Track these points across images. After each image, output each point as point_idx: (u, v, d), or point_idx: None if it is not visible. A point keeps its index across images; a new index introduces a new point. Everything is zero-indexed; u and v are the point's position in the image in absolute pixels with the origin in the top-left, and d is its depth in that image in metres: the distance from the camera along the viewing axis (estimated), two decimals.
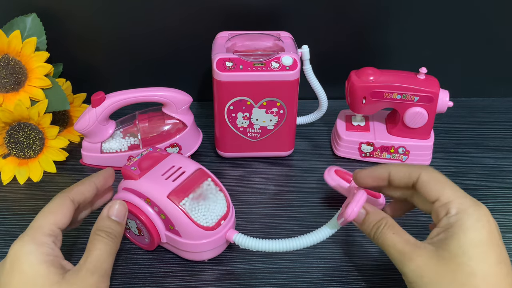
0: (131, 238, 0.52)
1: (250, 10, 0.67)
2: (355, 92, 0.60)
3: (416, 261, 0.39)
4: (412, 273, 0.39)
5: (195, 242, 0.47)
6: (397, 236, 0.41)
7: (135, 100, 0.58)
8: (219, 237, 0.48)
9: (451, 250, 0.38)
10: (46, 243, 0.41)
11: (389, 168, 0.45)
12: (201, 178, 0.49)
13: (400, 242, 0.41)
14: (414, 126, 0.61)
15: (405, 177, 0.44)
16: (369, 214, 0.44)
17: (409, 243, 0.40)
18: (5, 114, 0.58)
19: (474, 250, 0.38)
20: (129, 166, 0.49)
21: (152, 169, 0.49)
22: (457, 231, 0.39)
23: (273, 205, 0.58)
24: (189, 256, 0.49)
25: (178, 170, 0.49)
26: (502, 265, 0.38)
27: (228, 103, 0.58)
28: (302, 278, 0.49)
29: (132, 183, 0.48)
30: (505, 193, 0.60)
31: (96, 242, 0.42)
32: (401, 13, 0.69)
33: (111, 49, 0.71)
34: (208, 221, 0.47)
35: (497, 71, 0.75)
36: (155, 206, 0.47)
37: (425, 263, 0.39)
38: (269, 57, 0.57)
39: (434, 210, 0.42)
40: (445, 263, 0.38)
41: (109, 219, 0.45)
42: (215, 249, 0.49)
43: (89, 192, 0.46)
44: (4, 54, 0.60)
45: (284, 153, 0.64)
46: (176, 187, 0.47)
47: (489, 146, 0.67)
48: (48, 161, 0.62)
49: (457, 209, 0.40)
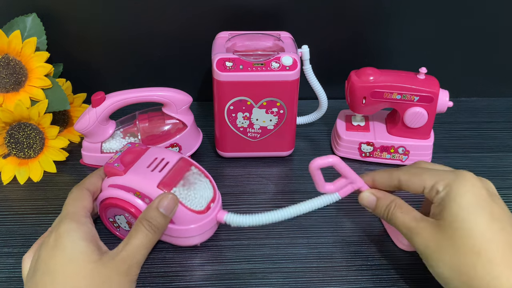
0: (121, 236, 0.52)
1: (250, 10, 0.67)
2: (355, 92, 0.60)
3: (421, 234, 0.43)
4: (420, 245, 0.43)
5: (187, 227, 0.49)
6: (405, 215, 0.45)
7: (135, 100, 0.58)
8: (210, 220, 0.50)
9: (446, 218, 0.42)
10: (86, 223, 0.44)
11: (373, 175, 0.49)
12: (185, 167, 0.51)
13: (407, 220, 0.44)
14: (414, 126, 0.61)
15: (387, 182, 0.48)
16: (379, 199, 0.48)
17: (415, 219, 0.44)
18: (5, 114, 0.58)
19: (464, 213, 0.41)
20: (112, 164, 0.49)
21: (136, 163, 0.50)
22: (447, 201, 0.42)
23: (273, 205, 0.58)
24: (182, 241, 0.50)
25: (162, 161, 0.50)
26: (495, 222, 0.41)
27: (228, 103, 0.58)
28: (302, 278, 0.49)
29: (118, 179, 0.49)
30: (505, 193, 0.60)
31: (138, 231, 0.44)
32: (401, 13, 0.69)
33: (111, 49, 0.71)
34: (199, 205, 0.49)
35: (497, 71, 0.75)
36: (145, 198, 0.48)
37: (428, 234, 0.43)
38: (269, 57, 0.57)
39: (426, 197, 0.45)
40: (444, 231, 0.42)
41: (157, 210, 0.46)
42: (206, 232, 0.50)
43: (99, 182, 0.50)
44: (4, 54, 0.60)
45: (284, 153, 0.64)
46: (164, 177, 0.49)
47: (489, 146, 0.67)
48: (48, 161, 0.62)
49: (443, 185, 0.43)
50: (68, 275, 0.40)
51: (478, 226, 0.40)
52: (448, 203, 0.42)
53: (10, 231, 0.54)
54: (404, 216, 0.45)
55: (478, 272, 0.39)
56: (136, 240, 0.43)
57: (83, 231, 0.43)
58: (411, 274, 0.46)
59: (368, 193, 0.49)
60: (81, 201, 0.46)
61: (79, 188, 0.48)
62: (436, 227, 0.42)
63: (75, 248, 0.42)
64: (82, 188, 0.48)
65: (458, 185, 0.42)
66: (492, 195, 0.43)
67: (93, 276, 0.40)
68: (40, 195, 0.59)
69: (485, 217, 0.41)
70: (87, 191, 0.48)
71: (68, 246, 0.42)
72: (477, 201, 0.41)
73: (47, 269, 0.41)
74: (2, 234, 0.54)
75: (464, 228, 0.41)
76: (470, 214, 0.41)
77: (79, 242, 0.42)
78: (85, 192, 0.48)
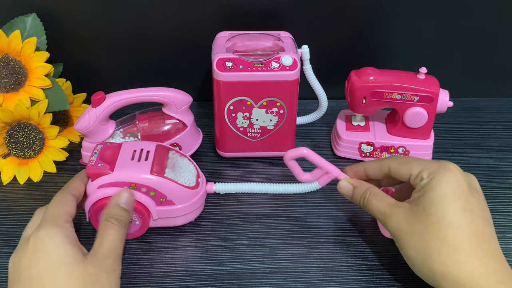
0: None
1: (250, 10, 0.67)
2: (355, 92, 0.60)
3: (394, 218, 0.45)
4: (393, 228, 0.45)
5: (186, 204, 0.51)
6: (380, 201, 0.47)
7: (135, 100, 0.58)
8: (203, 193, 0.53)
9: (421, 204, 0.44)
10: (67, 227, 0.44)
11: (364, 165, 0.51)
12: (165, 151, 0.52)
13: (382, 206, 0.47)
14: (414, 126, 0.61)
15: (378, 170, 0.50)
16: (356, 187, 0.50)
17: (389, 205, 0.46)
18: (5, 114, 0.58)
19: (440, 201, 0.43)
20: (94, 166, 0.49)
21: (118, 159, 0.50)
22: (427, 189, 0.44)
23: (273, 205, 0.58)
24: (181, 220, 0.53)
25: (143, 151, 0.51)
26: (467, 213, 0.42)
27: (228, 103, 0.58)
28: (302, 278, 0.49)
29: (107, 178, 0.49)
30: (505, 193, 0.60)
31: (108, 228, 0.45)
32: (401, 13, 0.69)
33: (111, 49, 0.71)
34: (190, 182, 0.52)
35: (497, 71, 0.75)
36: (142, 187, 0.49)
37: (401, 218, 0.45)
38: (269, 57, 0.57)
39: (411, 184, 0.47)
40: (417, 216, 0.44)
41: (119, 207, 0.47)
42: (201, 205, 0.54)
43: (82, 187, 0.50)
44: (4, 54, 0.60)
45: (284, 153, 0.64)
46: (152, 164, 0.50)
47: (489, 146, 0.67)
48: (48, 161, 0.62)
49: (427, 173, 0.45)
50: (58, 278, 0.40)
51: (449, 214, 0.42)
52: (427, 190, 0.44)
53: (10, 231, 0.54)
54: (379, 202, 0.47)
55: (441, 256, 0.41)
56: (110, 236, 0.44)
57: (65, 235, 0.43)
58: (411, 274, 0.45)
59: (345, 182, 0.51)
60: (64, 205, 0.46)
61: (64, 192, 0.48)
62: (410, 212, 0.44)
63: (60, 252, 0.41)
64: (67, 193, 0.48)
65: (440, 175, 0.44)
66: (472, 189, 0.44)
67: (84, 276, 0.41)
68: (40, 195, 0.59)
69: (457, 207, 0.42)
70: (72, 196, 0.48)
71: (53, 250, 0.42)
72: (454, 192, 0.43)
73: (32, 275, 0.41)
74: (2, 234, 0.54)
75: (436, 215, 0.42)
76: (444, 202, 0.43)
77: (64, 246, 0.42)
78: (70, 197, 0.48)
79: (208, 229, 0.55)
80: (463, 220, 0.42)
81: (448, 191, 0.43)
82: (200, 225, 0.55)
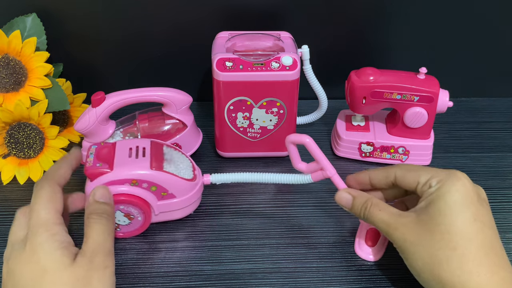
0: (123, 235, 0.52)
1: (250, 10, 0.67)
2: (355, 92, 0.60)
3: (400, 229, 0.44)
4: (398, 239, 0.44)
5: (187, 196, 0.52)
6: (383, 212, 0.46)
7: (135, 100, 0.58)
8: (200, 184, 0.54)
9: (429, 213, 0.43)
10: (59, 232, 0.43)
11: (369, 173, 0.50)
12: (160, 147, 0.53)
13: (385, 216, 0.45)
14: (414, 126, 0.61)
15: (383, 178, 0.48)
16: (355, 198, 0.48)
17: (393, 215, 0.45)
18: (5, 114, 0.58)
19: (449, 210, 0.42)
20: (93, 166, 0.49)
21: (115, 158, 0.50)
22: (435, 197, 0.43)
23: (273, 205, 0.58)
24: (182, 213, 0.53)
25: (139, 148, 0.51)
26: (477, 222, 0.41)
27: (228, 103, 0.58)
28: (302, 278, 0.49)
29: (109, 176, 0.49)
30: (505, 193, 0.60)
31: (91, 225, 0.44)
32: (401, 13, 0.69)
33: (111, 49, 0.71)
34: (188, 174, 0.52)
35: (497, 71, 0.75)
36: (143, 183, 0.50)
37: (407, 228, 0.43)
38: (269, 57, 0.57)
39: (418, 192, 0.45)
40: (424, 225, 0.43)
41: (96, 202, 0.46)
42: (199, 197, 0.54)
43: (68, 174, 0.49)
44: (4, 54, 0.60)
45: (284, 153, 0.64)
46: (151, 159, 0.50)
47: (489, 146, 0.67)
48: (48, 161, 0.62)
49: (437, 181, 0.44)
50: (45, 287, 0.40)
51: (459, 224, 0.41)
52: (436, 198, 0.43)
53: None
54: (382, 213, 0.46)
55: (450, 266, 0.41)
56: (94, 231, 0.43)
57: (57, 240, 0.42)
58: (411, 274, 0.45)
59: (345, 192, 0.49)
60: (53, 203, 0.44)
61: (50, 183, 0.45)
62: (417, 221, 0.43)
63: (48, 259, 0.40)
64: (54, 185, 0.45)
65: (450, 183, 0.43)
66: (481, 199, 0.44)
67: (73, 282, 0.40)
68: None
69: (467, 217, 0.42)
70: (59, 187, 0.46)
71: (41, 257, 0.41)
72: (463, 201, 0.42)
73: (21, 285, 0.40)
74: (2, 234, 0.54)
75: (445, 223, 0.42)
76: (453, 211, 0.42)
77: (53, 252, 0.41)
78: (57, 190, 0.45)
79: (208, 229, 0.55)
80: (473, 229, 0.41)
81: (458, 199, 0.42)
82: (200, 225, 0.55)
